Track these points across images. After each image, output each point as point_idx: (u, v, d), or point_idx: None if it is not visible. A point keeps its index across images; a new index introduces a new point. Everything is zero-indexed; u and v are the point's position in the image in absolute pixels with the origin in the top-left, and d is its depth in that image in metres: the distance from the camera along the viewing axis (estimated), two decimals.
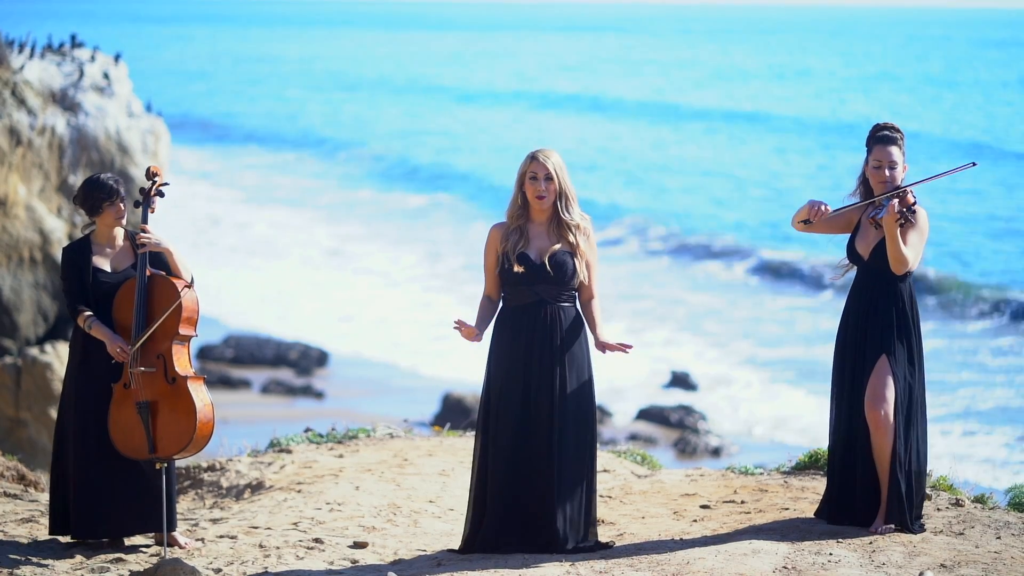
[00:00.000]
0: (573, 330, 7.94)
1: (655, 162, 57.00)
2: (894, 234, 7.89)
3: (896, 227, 7.87)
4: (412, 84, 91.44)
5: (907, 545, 7.78)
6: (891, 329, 8.04)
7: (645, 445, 22.38)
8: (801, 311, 32.90)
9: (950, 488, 8.90)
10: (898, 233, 7.89)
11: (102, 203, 8.33)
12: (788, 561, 7.58)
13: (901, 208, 7.88)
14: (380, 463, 10.48)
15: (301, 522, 8.92)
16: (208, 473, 10.65)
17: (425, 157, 59.17)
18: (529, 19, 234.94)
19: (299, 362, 28.76)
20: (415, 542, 8.56)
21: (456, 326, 7.88)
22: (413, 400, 25.48)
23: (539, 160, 7.92)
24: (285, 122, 71.37)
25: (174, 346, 8.16)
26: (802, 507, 8.70)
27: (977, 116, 70.30)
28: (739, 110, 73.11)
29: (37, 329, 24.81)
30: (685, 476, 10.06)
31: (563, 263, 7.90)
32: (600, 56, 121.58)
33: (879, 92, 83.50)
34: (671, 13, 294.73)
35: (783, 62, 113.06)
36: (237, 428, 18.27)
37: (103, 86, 26.02)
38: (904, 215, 7.87)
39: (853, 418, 8.10)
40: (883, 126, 8.18)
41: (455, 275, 36.49)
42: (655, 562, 7.65)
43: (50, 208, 25.08)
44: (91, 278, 8.31)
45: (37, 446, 22.60)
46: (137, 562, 8.13)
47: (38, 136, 24.99)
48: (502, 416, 7.89)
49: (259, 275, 36.99)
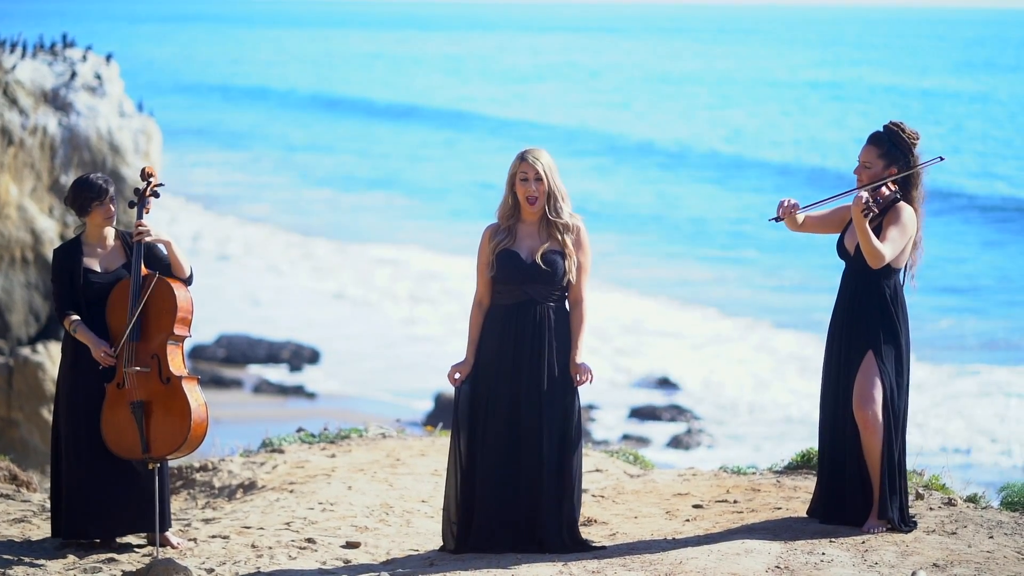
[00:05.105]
0: (562, 330, 7.93)
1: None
2: (862, 226, 7.84)
3: (862, 218, 7.83)
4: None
5: (900, 544, 7.79)
6: (876, 325, 8.02)
7: (637, 445, 22.42)
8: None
9: (942, 488, 8.91)
10: (867, 225, 7.85)
11: (91, 203, 8.29)
12: (781, 561, 7.58)
13: (867, 199, 7.83)
14: (372, 463, 10.47)
15: (293, 522, 8.91)
16: (200, 473, 10.64)
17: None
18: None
19: (291, 360, 28.77)
20: (408, 542, 8.55)
21: (455, 384, 7.94)
22: (405, 400, 25.48)
23: (528, 161, 7.89)
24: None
25: (168, 346, 8.15)
26: (795, 507, 8.70)
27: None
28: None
29: (29, 329, 24.78)
30: (678, 476, 10.06)
31: (553, 262, 7.89)
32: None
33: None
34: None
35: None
36: (229, 428, 18.27)
37: (95, 86, 25.98)
38: (868, 206, 7.82)
39: (841, 416, 8.10)
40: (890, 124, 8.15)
41: (453, 275, 36.49)
42: (648, 562, 7.65)
43: (42, 208, 25.04)
44: (82, 279, 8.28)
45: (29, 446, 22.59)
46: (130, 562, 8.12)
47: (30, 136, 24.95)
48: (491, 415, 7.89)
49: (252, 274, 36.96)
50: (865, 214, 7.80)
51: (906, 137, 8.10)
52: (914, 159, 8.10)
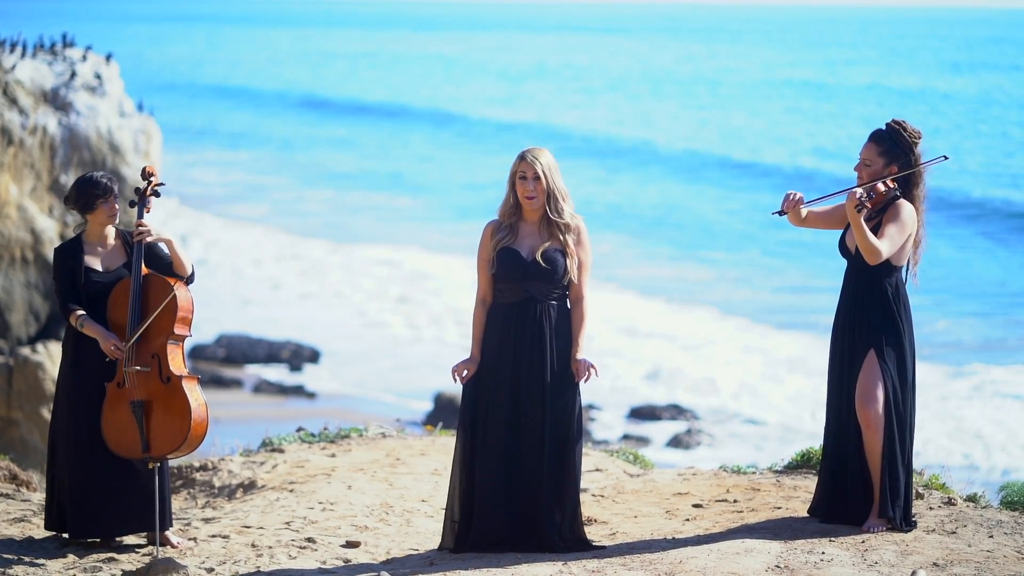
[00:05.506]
0: (562, 328, 7.93)
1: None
2: (857, 221, 7.83)
3: (856, 214, 7.82)
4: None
5: (900, 544, 7.79)
6: (879, 324, 8.02)
7: (637, 444, 22.43)
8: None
9: (942, 487, 8.91)
10: (862, 221, 7.84)
11: (96, 200, 8.28)
12: (781, 560, 7.58)
13: (861, 194, 7.83)
14: (372, 462, 10.47)
15: (293, 521, 8.91)
16: (200, 473, 10.64)
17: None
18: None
19: (291, 360, 28.78)
20: (407, 541, 8.55)
21: (457, 380, 7.93)
22: (405, 400, 25.48)
23: (527, 160, 7.90)
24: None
25: (169, 345, 8.14)
26: (795, 506, 8.70)
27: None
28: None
29: (29, 329, 24.78)
30: (677, 475, 10.05)
31: (554, 261, 7.89)
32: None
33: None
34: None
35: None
36: (229, 428, 18.26)
37: (94, 86, 25.98)
38: (861, 201, 7.81)
39: (845, 415, 8.10)
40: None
41: (453, 275, 36.49)
42: (647, 561, 7.65)
43: (42, 208, 25.04)
44: (83, 278, 8.28)
45: (29, 445, 22.59)
46: (129, 561, 8.12)
47: (29, 136, 24.95)
48: (491, 414, 7.89)
49: (252, 274, 36.95)
50: (858, 209, 7.80)
51: (907, 135, 8.08)
52: (915, 158, 8.09)
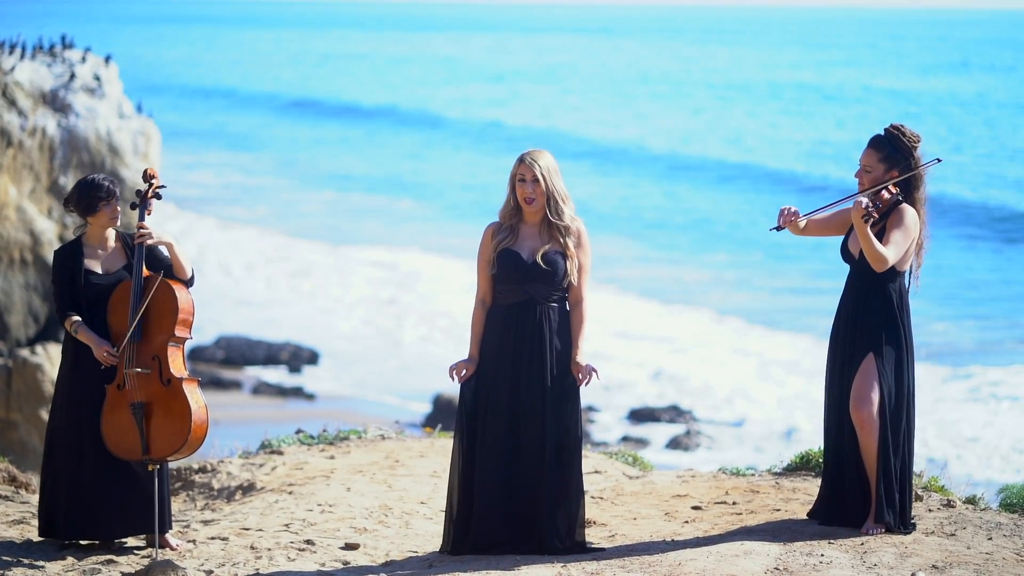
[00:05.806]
0: (562, 330, 7.93)
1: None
2: (864, 231, 7.83)
3: (863, 223, 7.83)
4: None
5: (899, 546, 7.79)
6: (880, 328, 8.02)
7: (636, 446, 22.43)
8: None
9: (941, 489, 8.91)
10: (869, 230, 7.84)
11: (98, 203, 8.27)
12: (779, 562, 7.58)
13: (867, 204, 7.83)
14: (371, 464, 10.47)
15: (292, 523, 8.91)
16: (199, 474, 10.64)
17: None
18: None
19: (290, 362, 28.78)
20: (406, 543, 8.55)
21: (455, 379, 7.93)
22: (404, 401, 25.49)
23: (526, 163, 7.90)
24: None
25: (169, 347, 8.14)
26: (794, 508, 8.70)
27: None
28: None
29: (28, 330, 24.78)
30: (676, 477, 10.05)
31: (554, 262, 7.90)
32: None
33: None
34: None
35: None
36: (228, 429, 18.27)
37: (94, 87, 25.99)
38: (868, 212, 7.82)
39: (842, 418, 8.10)
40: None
41: (453, 276, 36.47)
42: (646, 563, 7.65)
43: (41, 209, 25.04)
44: (83, 280, 8.27)
45: (28, 447, 22.59)
46: (128, 564, 8.12)
47: (29, 137, 24.95)
48: (490, 415, 7.89)
49: (251, 276, 36.94)
50: (865, 219, 7.80)
51: (907, 140, 8.08)
52: (915, 161, 8.09)
